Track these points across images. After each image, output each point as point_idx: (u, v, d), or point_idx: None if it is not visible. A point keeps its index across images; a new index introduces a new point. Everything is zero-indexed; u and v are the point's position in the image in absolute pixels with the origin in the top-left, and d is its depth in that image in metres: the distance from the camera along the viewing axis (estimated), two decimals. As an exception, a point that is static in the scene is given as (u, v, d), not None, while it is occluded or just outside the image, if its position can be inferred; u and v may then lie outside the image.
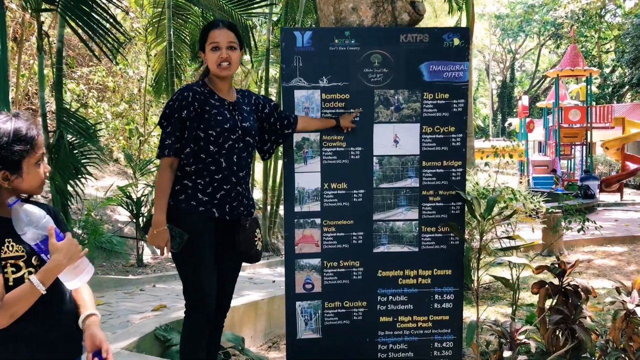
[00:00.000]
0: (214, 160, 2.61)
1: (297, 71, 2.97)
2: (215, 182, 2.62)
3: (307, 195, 3.05)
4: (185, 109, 2.57)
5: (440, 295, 3.15)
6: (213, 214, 2.62)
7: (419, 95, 3.04)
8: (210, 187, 2.61)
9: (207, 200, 2.61)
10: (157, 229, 2.53)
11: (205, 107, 2.61)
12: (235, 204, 2.70)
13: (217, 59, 2.64)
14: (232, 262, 2.81)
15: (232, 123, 2.65)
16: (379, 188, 3.08)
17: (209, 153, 2.61)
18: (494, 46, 43.37)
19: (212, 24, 2.73)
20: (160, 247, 2.56)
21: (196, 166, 2.61)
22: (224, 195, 2.65)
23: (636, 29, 25.76)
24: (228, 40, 2.65)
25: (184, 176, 2.62)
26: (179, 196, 2.60)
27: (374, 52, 2.99)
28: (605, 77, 31.13)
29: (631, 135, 20.01)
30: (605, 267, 8.51)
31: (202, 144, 2.60)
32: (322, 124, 2.99)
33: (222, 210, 2.65)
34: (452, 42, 3.02)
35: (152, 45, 8.60)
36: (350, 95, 3.01)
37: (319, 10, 3.15)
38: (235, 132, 2.65)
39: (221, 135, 2.60)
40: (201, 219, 2.61)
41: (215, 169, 2.62)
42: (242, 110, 2.76)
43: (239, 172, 2.68)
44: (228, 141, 2.63)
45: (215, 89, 2.72)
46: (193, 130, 2.58)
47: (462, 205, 3.11)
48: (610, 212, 14.98)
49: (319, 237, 3.07)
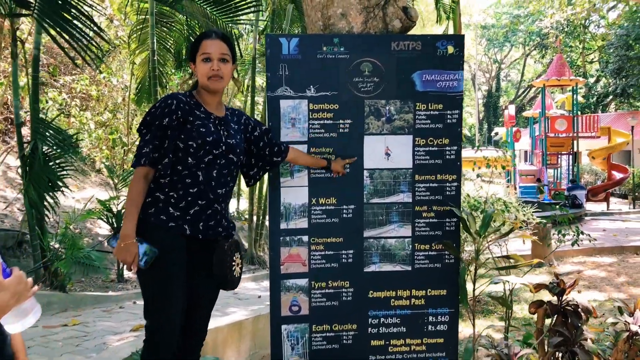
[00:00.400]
0: (190, 173, 2.43)
1: (283, 80, 2.80)
2: (190, 197, 2.43)
3: (293, 211, 2.88)
4: (167, 117, 2.40)
5: (434, 317, 2.98)
6: (184, 231, 2.42)
7: (412, 106, 2.89)
8: (184, 202, 2.41)
9: (179, 215, 2.41)
10: (125, 242, 2.33)
11: (189, 117, 2.44)
12: (212, 223, 2.49)
13: (207, 70, 2.47)
14: (208, 289, 2.60)
15: (216, 137, 2.47)
16: (369, 203, 2.91)
17: (187, 165, 2.42)
18: (479, 56, 43.61)
19: (204, 33, 2.57)
20: (127, 262, 2.34)
21: (171, 178, 2.42)
22: (197, 211, 2.45)
23: (620, 40, 26.04)
24: (220, 52, 2.49)
25: (156, 188, 2.43)
26: (149, 209, 2.41)
27: (364, 60, 2.83)
28: (590, 87, 31.39)
29: (617, 145, 20.13)
30: (596, 278, 8.45)
31: (181, 155, 2.42)
32: (313, 161, 2.83)
33: (194, 228, 2.44)
34: (446, 50, 2.87)
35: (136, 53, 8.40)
36: (340, 106, 2.85)
37: (306, 16, 2.99)
38: (218, 147, 2.47)
39: (202, 148, 2.42)
40: (170, 235, 2.40)
41: (190, 182, 2.43)
42: (229, 127, 2.59)
43: (217, 188, 2.49)
44: (208, 155, 2.45)
45: (202, 102, 2.55)
46: (173, 140, 2.41)
47: (457, 221, 2.96)
48: (598, 222, 15.00)
49: (306, 256, 2.89)
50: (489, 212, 2.82)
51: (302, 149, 2.85)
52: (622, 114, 26.03)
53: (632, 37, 25.25)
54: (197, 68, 2.52)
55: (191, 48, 2.57)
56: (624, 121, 24.00)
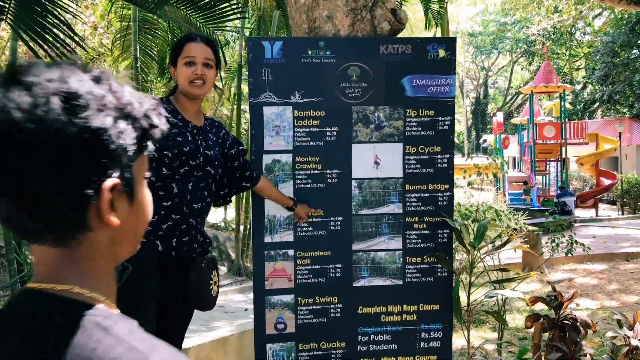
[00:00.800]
0: (164, 185, 2.28)
1: (266, 85, 2.66)
2: (163, 210, 2.27)
3: (278, 224, 2.73)
4: None
5: (427, 333, 2.84)
6: (156, 247, 2.26)
7: (402, 112, 2.76)
8: (156, 216, 2.26)
9: (151, 230, 2.25)
10: None
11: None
12: (186, 239, 2.33)
13: (190, 74, 2.34)
14: (181, 309, 2.43)
15: (193, 148, 2.33)
16: (358, 215, 2.77)
17: (160, 176, 2.27)
18: (467, 63, 43.82)
19: (188, 36, 2.43)
20: None
21: None
22: (171, 226, 2.29)
23: (606, 47, 26.20)
24: (205, 56, 2.36)
25: None
26: None
27: (352, 64, 2.70)
28: (577, 94, 31.56)
29: (605, 151, 20.19)
30: (587, 285, 8.40)
31: (155, 165, 2.26)
32: (279, 198, 2.68)
33: (167, 244, 2.28)
34: (437, 53, 2.75)
35: (119, 60, 8.23)
36: (326, 112, 2.71)
37: (291, 18, 2.86)
38: (195, 158, 2.33)
39: (178, 158, 2.28)
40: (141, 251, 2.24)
41: (164, 194, 2.28)
42: (207, 137, 2.45)
43: (193, 202, 2.34)
44: (184, 166, 2.30)
45: (180, 108, 2.40)
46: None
47: (449, 232, 2.82)
48: (588, 229, 14.99)
49: (292, 271, 2.74)
50: (483, 222, 2.69)
51: (287, 158, 2.71)
52: (609, 120, 26.15)
53: (618, 44, 25.41)
54: (178, 72, 2.38)
55: (173, 51, 2.43)
56: (611, 127, 24.09)
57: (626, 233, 13.82)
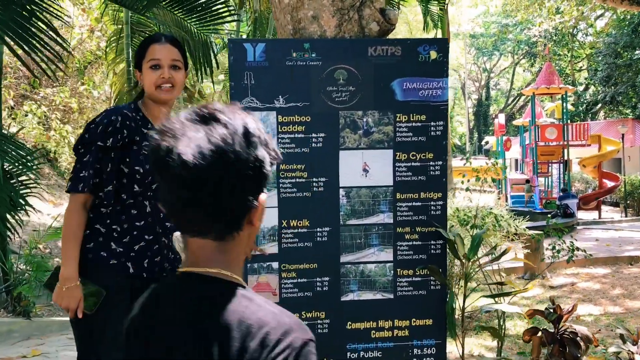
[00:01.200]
0: (136, 203, 2.15)
1: (249, 90, 2.53)
2: (135, 230, 2.15)
3: (261, 235, 2.60)
4: (110, 137, 2.11)
5: (419, 350, 2.70)
6: (127, 270, 2.13)
7: (392, 117, 2.62)
8: (128, 236, 2.13)
9: (122, 251, 2.13)
10: (67, 285, 2.03)
11: (135, 136, 2.16)
12: (158, 260, 2.21)
13: (156, 78, 2.19)
14: None
15: None
16: (346, 225, 2.64)
17: (132, 193, 2.15)
18: (469, 65, 43.71)
19: (152, 37, 2.29)
20: (70, 308, 2.04)
21: (114, 208, 2.13)
22: (143, 247, 2.16)
23: (608, 48, 26.06)
24: (171, 58, 2.22)
25: (96, 219, 2.14)
26: (87, 243, 2.11)
27: (339, 67, 2.57)
28: (579, 95, 31.42)
29: (607, 153, 20.03)
30: (590, 290, 8.25)
31: (125, 181, 2.14)
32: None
33: (139, 266, 2.16)
34: (429, 55, 2.61)
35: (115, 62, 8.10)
36: (312, 118, 2.58)
37: (275, 19, 2.73)
38: None
39: (150, 173, 2.13)
40: (111, 274, 2.11)
41: (136, 213, 2.15)
42: None
43: (166, 221, 2.21)
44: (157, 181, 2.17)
45: (150, 116, 2.26)
46: (117, 163, 2.13)
47: (443, 243, 2.69)
48: (591, 232, 14.82)
49: (276, 285, 2.61)
50: (479, 233, 2.56)
51: (271, 166, 2.57)
52: (611, 122, 25.99)
53: (621, 45, 25.26)
54: (143, 76, 2.23)
55: (137, 53, 2.27)
56: (614, 129, 23.93)
57: (630, 236, 13.65)
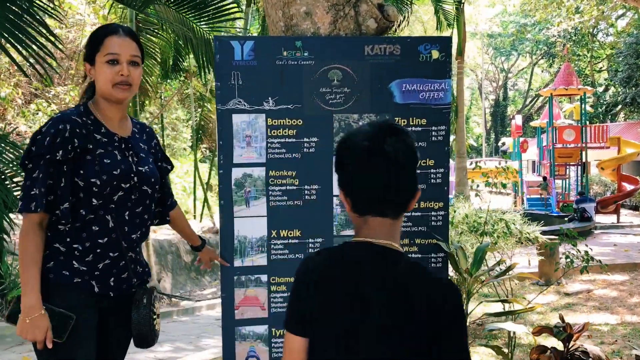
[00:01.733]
0: (97, 218, 1.96)
1: (236, 90, 2.37)
2: (99, 248, 1.96)
3: (249, 246, 2.43)
4: (60, 149, 1.88)
5: (418, 370, 2.52)
6: (92, 289, 1.95)
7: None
8: (91, 255, 1.95)
9: (86, 270, 1.94)
10: (31, 316, 1.82)
11: (87, 145, 1.95)
12: (125, 276, 2.03)
13: (113, 75, 1.97)
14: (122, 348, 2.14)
15: (125, 168, 1.99)
16: (340, 236, 2.46)
17: (91, 208, 1.94)
18: (486, 65, 43.26)
19: (108, 28, 2.04)
20: (37, 340, 1.83)
21: (72, 225, 1.93)
22: (108, 265, 1.98)
23: (629, 48, 25.59)
24: (130, 53, 2.00)
25: (54, 237, 1.94)
26: (47, 263, 1.91)
27: (333, 67, 2.39)
28: (598, 97, 30.94)
29: (627, 156, 19.64)
30: (607, 298, 8.02)
31: (82, 195, 1.93)
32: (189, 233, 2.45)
33: (104, 285, 1.98)
34: (430, 54, 2.43)
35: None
36: (304, 121, 2.41)
37: (267, 16, 2.56)
38: (128, 179, 1.99)
39: (108, 184, 1.95)
40: (75, 293, 1.93)
41: (98, 229, 1.96)
42: (137, 148, 2.10)
43: (132, 233, 2.03)
44: (118, 192, 1.97)
45: (103, 117, 2.03)
46: (71, 177, 1.92)
47: (444, 256, 2.51)
48: (609, 236, 14.49)
49: (265, 299, 2.44)
50: (482, 246, 2.37)
51: (260, 172, 2.41)
52: (632, 124, 25.54)
53: (642, 46, 24.81)
54: (97, 71, 1.99)
55: (90, 44, 2.03)
56: (634, 131, 23.50)
57: (649, 241, 13.31)
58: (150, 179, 2.08)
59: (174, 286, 8.76)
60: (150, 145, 2.21)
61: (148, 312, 2.03)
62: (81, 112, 2.00)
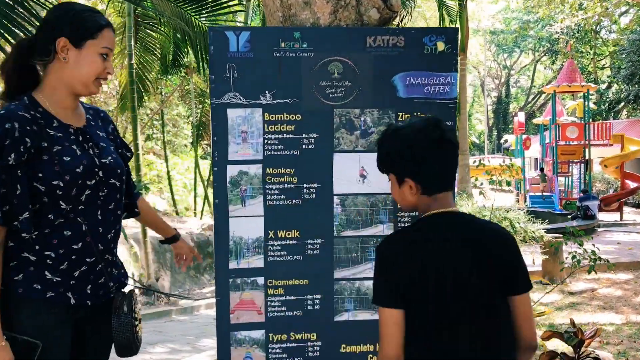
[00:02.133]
0: (68, 222, 1.78)
1: (231, 84, 2.25)
2: (74, 254, 1.79)
3: (245, 247, 2.33)
4: (12, 152, 1.67)
5: (422, 377, 2.41)
6: (67, 301, 1.78)
7: (393, 116, 2.33)
8: (66, 262, 1.78)
9: (60, 280, 1.77)
10: None
11: (41, 143, 1.74)
12: (102, 281, 1.88)
13: (102, 70, 1.84)
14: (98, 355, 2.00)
15: (88, 163, 1.81)
16: (341, 237, 2.36)
17: (60, 212, 1.77)
18: (489, 62, 43.12)
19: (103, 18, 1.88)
20: None
21: (41, 232, 1.75)
22: (85, 272, 1.82)
23: (632, 45, 25.50)
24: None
25: (21, 246, 1.75)
26: (15, 275, 1.73)
27: (333, 59, 2.28)
28: (601, 94, 30.84)
29: (630, 153, 19.54)
30: (611, 297, 7.96)
31: (47, 200, 1.75)
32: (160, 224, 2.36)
33: (81, 294, 1.82)
34: (435, 46, 2.32)
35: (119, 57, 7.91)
36: (303, 116, 2.30)
37: (264, 6, 2.45)
38: (93, 175, 1.82)
39: (73, 184, 1.77)
40: (48, 309, 1.76)
41: (71, 234, 1.79)
42: (96, 138, 1.91)
43: (107, 233, 1.88)
44: (85, 191, 1.80)
45: (54, 108, 1.82)
46: (27, 182, 1.71)
47: (450, 258, 2.40)
48: (612, 234, 14.40)
49: (262, 302, 2.34)
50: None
51: (256, 170, 2.30)
52: (635, 121, 25.46)
53: (646, 43, 24.71)
54: (83, 58, 1.80)
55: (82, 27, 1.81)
56: (637, 128, 23.39)
57: (653, 239, 13.22)
58: (116, 170, 1.92)
59: (172, 284, 8.69)
60: (108, 131, 2.03)
61: (130, 320, 1.90)
62: (27, 105, 1.77)
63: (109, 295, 1.92)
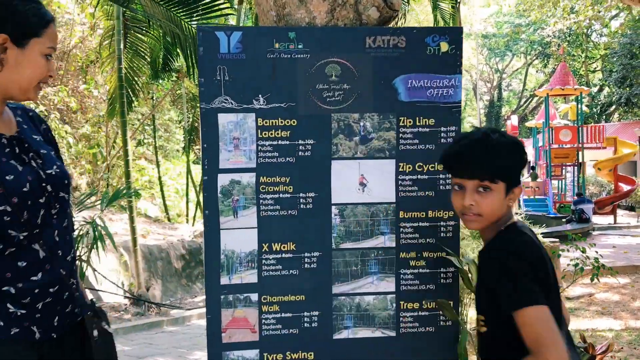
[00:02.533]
0: (25, 252, 1.54)
1: (222, 87, 2.12)
2: (36, 288, 1.55)
3: (238, 262, 2.19)
4: None
5: (426, 397, 2.28)
6: (32, 336, 1.55)
7: (394, 121, 2.21)
8: (29, 297, 1.55)
9: (25, 313, 1.54)
10: None
11: None
12: (69, 309, 1.66)
13: (45, 72, 1.58)
14: None
15: (33, 178, 1.56)
16: (340, 249, 2.23)
17: (11, 241, 1.51)
18: (481, 65, 43.23)
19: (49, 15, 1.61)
20: None
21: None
22: (50, 303, 1.59)
23: (623, 49, 25.70)
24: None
25: None
26: None
27: (330, 61, 2.15)
28: (593, 97, 31.02)
29: (624, 156, 19.67)
30: (609, 302, 7.93)
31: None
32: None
33: (48, 327, 1.60)
34: (439, 47, 2.19)
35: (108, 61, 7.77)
36: (298, 122, 2.17)
37: (257, 4, 2.32)
38: (42, 191, 1.57)
39: (22, 207, 1.51)
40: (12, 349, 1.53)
41: (27, 265, 1.54)
42: (35, 144, 1.65)
43: (66, 255, 1.64)
44: (40, 211, 1.56)
45: None
46: None
47: (455, 271, 2.27)
48: (607, 238, 14.43)
49: (255, 320, 2.20)
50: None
51: (249, 178, 2.16)
52: (627, 124, 25.63)
53: (636, 46, 24.99)
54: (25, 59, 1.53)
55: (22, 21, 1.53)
56: (629, 131, 23.51)
57: (648, 242, 13.24)
58: (64, 180, 1.67)
59: (164, 294, 8.53)
60: (40, 130, 1.74)
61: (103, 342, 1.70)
62: None
63: (76, 319, 1.71)
